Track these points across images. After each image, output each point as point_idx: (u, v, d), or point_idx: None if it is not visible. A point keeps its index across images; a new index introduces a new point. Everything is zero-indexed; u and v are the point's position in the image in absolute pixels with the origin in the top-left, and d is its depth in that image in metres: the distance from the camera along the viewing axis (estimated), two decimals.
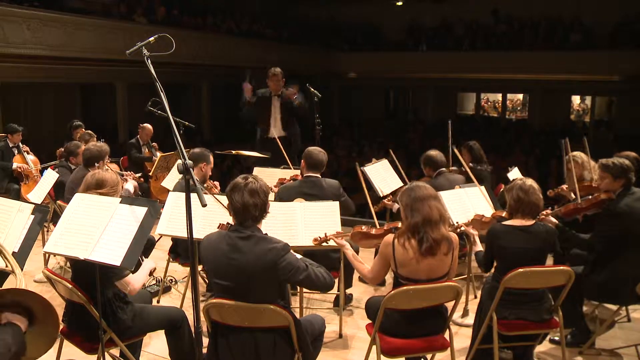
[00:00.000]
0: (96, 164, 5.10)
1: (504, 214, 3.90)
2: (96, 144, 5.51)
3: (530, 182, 3.55)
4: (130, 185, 5.29)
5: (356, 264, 3.51)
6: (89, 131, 7.19)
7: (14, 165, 7.18)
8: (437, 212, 3.14)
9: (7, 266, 2.60)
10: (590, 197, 4.27)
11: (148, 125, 8.25)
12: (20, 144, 7.42)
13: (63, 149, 6.36)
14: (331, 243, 3.68)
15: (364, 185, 4.28)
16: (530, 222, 3.49)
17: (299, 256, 2.96)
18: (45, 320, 2.15)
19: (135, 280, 3.26)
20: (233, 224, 2.95)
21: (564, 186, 4.76)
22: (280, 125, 6.85)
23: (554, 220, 3.96)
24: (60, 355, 3.35)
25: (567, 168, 4.96)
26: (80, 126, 7.79)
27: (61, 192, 5.70)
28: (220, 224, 3.54)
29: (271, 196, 3.30)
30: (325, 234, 3.63)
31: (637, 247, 3.86)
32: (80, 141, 6.52)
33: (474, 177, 4.99)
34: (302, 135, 7.15)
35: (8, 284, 2.72)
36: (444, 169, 5.26)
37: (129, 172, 6.39)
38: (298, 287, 4.09)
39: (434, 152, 5.34)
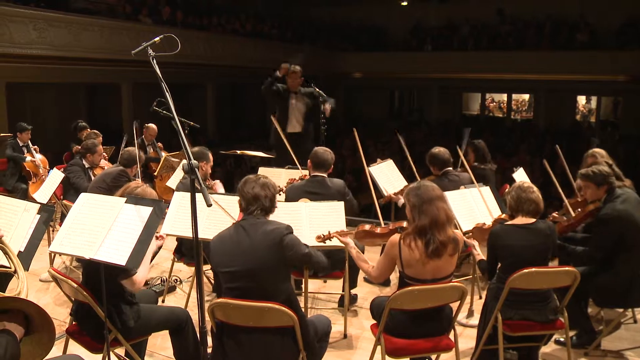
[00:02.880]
0: (133, 168, 5.51)
1: (504, 217, 3.90)
2: (131, 148, 5.74)
3: (529, 183, 3.62)
4: None
5: (360, 263, 3.51)
6: (95, 130, 7.23)
7: (28, 159, 7.21)
8: (444, 213, 3.14)
9: (11, 267, 2.60)
10: (579, 210, 4.28)
11: (152, 125, 8.27)
12: (29, 143, 7.45)
13: (80, 147, 6.40)
14: (335, 241, 3.68)
15: (371, 185, 4.27)
16: (531, 220, 3.49)
17: None
18: (41, 329, 2.15)
19: (141, 278, 3.25)
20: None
21: (555, 213, 4.72)
22: (298, 121, 6.88)
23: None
24: (66, 354, 3.36)
25: (587, 163, 4.95)
26: (85, 127, 7.82)
27: (70, 191, 5.73)
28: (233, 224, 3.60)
29: (281, 197, 3.36)
30: (329, 232, 3.65)
31: (635, 248, 3.86)
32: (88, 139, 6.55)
33: (478, 177, 4.97)
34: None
35: (12, 285, 2.72)
36: (449, 168, 5.23)
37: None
38: (303, 287, 4.09)
39: (437, 150, 5.28)
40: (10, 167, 7.44)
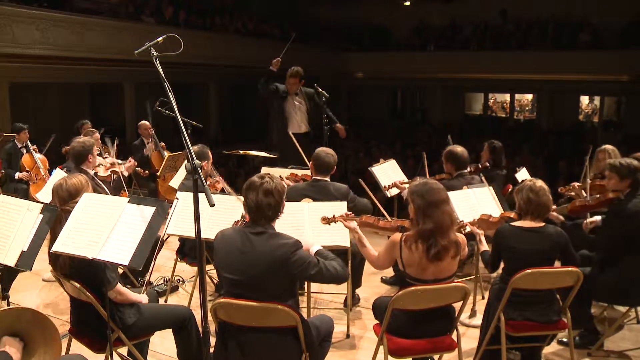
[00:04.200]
0: (89, 159, 5.04)
1: (512, 215, 3.88)
2: (78, 139, 5.43)
3: (540, 183, 3.53)
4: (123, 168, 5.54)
5: (363, 248, 3.49)
6: (92, 128, 7.22)
7: (16, 175, 7.17)
8: (449, 217, 3.12)
9: None
10: (598, 195, 4.26)
11: (143, 122, 8.26)
12: (29, 143, 7.44)
13: (69, 147, 6.35)
14: (338, 241, 3.68)
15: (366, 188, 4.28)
16: (540, 224, 3.47)
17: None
18: (45, 339, 2.14)
19: (125, 293, 3.22)
20: (247, 220, 2.98)
21: (576, 183, 4.74)
22: (300, 122, 6.85)
23: (560, 217, 3.92)
24: (69, 353, 3.36)
25: (598, 158, 4.98)
26: (86, 122, 7.80)
27: None
28: (235, 221, 3.58)
29: None
30: (334, 215, 3.62)
31: None
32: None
33: (487, 179, 4.96)
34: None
35: (18, 282, 2.73)
36: (465, 170, 5.18)
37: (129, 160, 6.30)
38: (305, 287, 4.08)
39: (459, 149, 5.17)
40: (5, 168, 7.43)
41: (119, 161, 5.88)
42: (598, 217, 4.24)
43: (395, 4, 22.51)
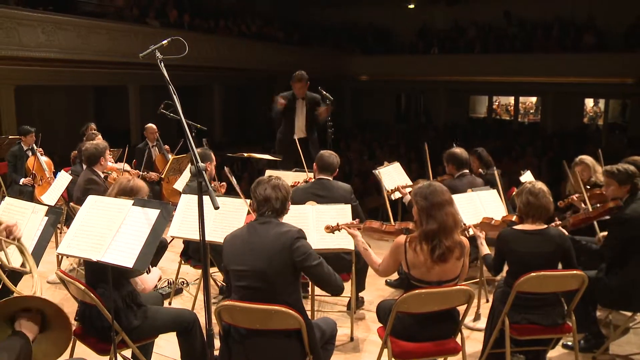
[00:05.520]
0: (101, 162, 5.16)
1: (514, 218, 3.87)
2: (91, 141, 5.50)
3: (539, 185, 3.53)
4: None
5: (367, 255, 3.50)
6: (94, 131, 7.22)
7: (21, 181, 7.21)
8: (452, 218, 3.13)
9: (26, 267, 2.62)
10: (598, 205, 4.26)
11: (150, 125, 8.22)
12: (34, 145, 7.46)
13: (77, 152, 6.39)
14: (341, 243, 3.68)
15: (384, 195, 4.29)
16: (542, 226, 3.46)
17: None
18: (58, 329, 2.17)
19: (146, 281, 3.35)
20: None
21: (575, 196, 4.73)
22: (301, 128, 6.89)
23: (564, 232, 3.92)
24: (73, 356, 3.37)
25: (572, 173, 4.97)
26: (91, 124, 7.81)
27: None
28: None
29: None
30: (338, 223, 3.65)
31: None
32: (88, 140, 6.55)
33: (484, 183, 4.96)
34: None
35: (23, 284, 2.74)
36: (466, 170, 5.21)
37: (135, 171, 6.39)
38: (309, 290, 4.08)
39: (458, 150, 5.27)
40: (11, 171, 7.46)
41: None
42: None
43: (399, 7, 22.52)
